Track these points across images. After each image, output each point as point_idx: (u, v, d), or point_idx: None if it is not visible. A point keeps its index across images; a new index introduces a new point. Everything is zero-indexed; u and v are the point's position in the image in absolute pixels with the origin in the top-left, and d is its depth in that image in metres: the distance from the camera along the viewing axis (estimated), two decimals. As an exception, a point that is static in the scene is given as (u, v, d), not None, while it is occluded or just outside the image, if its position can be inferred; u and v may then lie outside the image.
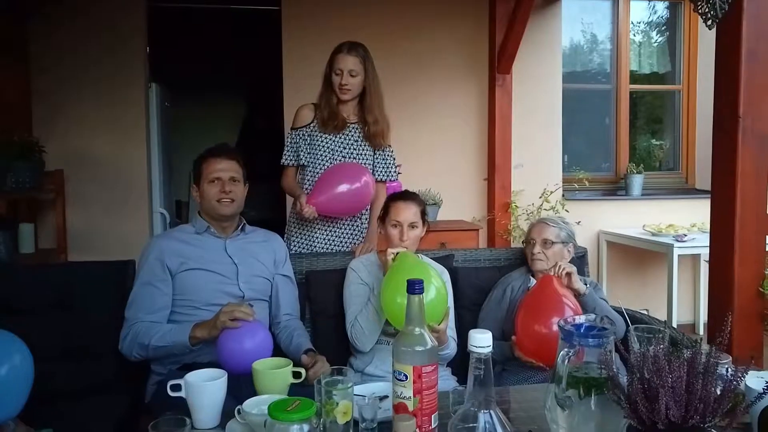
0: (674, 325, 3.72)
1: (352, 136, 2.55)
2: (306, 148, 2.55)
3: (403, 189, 2.84)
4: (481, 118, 4.27)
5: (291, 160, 2.58)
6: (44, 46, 3.71)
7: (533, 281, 2.25)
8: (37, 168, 3.35)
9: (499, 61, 4.10)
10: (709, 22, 2.09)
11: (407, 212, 2.11)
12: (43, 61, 3.71)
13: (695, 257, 4.45)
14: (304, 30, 3.96)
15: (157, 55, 4.12)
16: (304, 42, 3.93)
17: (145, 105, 3.94)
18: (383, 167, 2.62)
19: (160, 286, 1.91)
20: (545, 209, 4.11)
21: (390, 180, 2.67)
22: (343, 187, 2.37)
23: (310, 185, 2.51)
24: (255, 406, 1.31)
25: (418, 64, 4.13)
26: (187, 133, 5.84)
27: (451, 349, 2.04)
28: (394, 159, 2.68)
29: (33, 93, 3.71)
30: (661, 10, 4.89)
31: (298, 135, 2.56)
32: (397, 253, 2.00)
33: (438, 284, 1.88)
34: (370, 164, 2.59)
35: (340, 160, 2.53)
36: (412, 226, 2.11)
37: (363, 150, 2.56)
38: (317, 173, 2.51)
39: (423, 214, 2.17)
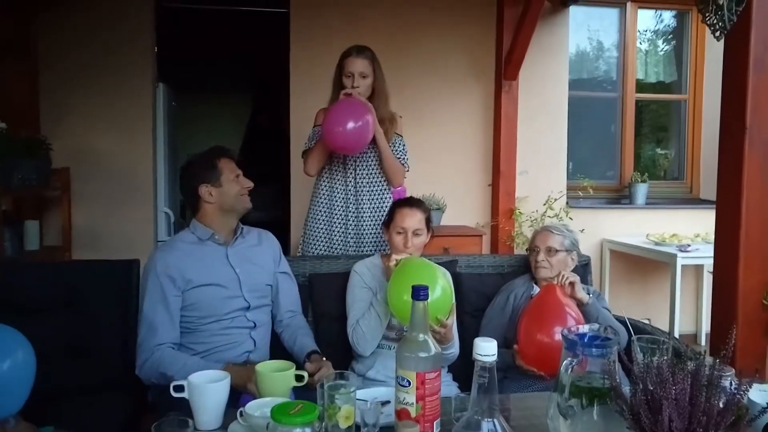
0: (676, 335, 3.70)
1: None
2: None
3: (408, 194, 2.84)
4: (487, 124, 4.27)
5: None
6: (52, 44, 3.73)
7: (536, 289, 2.25)
8: (43, 165, 3.36)
9: (506, 67, 4.10)
10: (717, 33, 2.09)
11: (412, 219, 2.12)
12: (50, 59, 3.73)
13: (698, 267, 4.43)
14: (312, 33, 3.98)
15: (164, 55, 4.13)
16: (311, 45, 3.95)
17: (152, 104, 3.96)
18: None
19: (171, 300, 1.87)
20: (549, 216, 4.11)
21: (402, 163, 2.70)
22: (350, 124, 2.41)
23: (327, 179, 2.63)
24: (257, 408, 1.32)
25: (424, 68, 4.14)
26: (193, 133, 5.86)
27: (456, 348, 2.04)
28: (405, 148, 2.70)
29: (40, 91, 3.73)
30: (668, 18, 4.88)
31: (318, 133, 2.62)
32: (400, 260, 2.00)
33: (443, 283, 1.91)
34: (375, 163, 2.65)
35: (350, 164, 2.62)
36: (417, 233, 2.11)
37: (368, 149, 2.60)
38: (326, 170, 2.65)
39: (428, 221, 2.17)
